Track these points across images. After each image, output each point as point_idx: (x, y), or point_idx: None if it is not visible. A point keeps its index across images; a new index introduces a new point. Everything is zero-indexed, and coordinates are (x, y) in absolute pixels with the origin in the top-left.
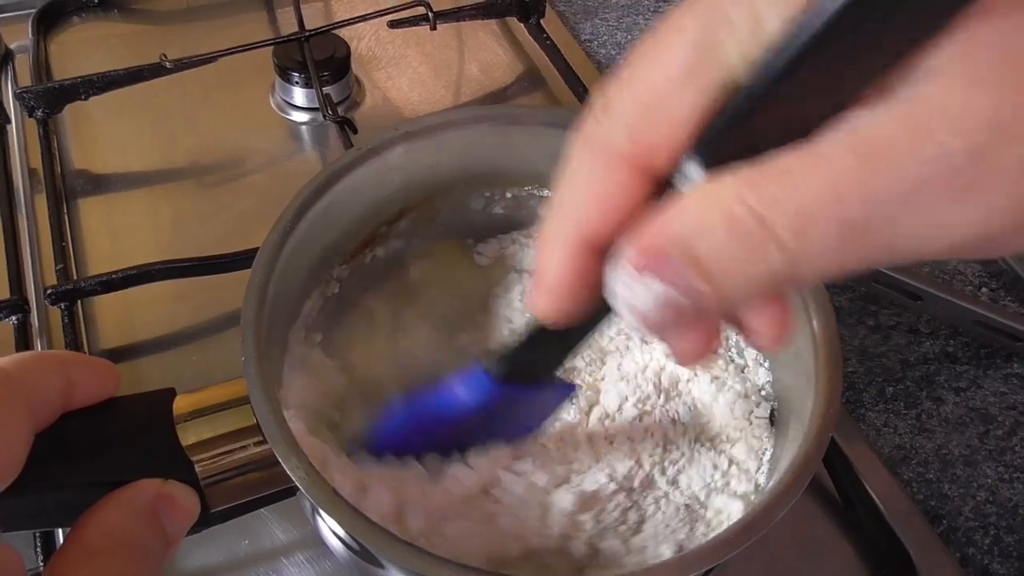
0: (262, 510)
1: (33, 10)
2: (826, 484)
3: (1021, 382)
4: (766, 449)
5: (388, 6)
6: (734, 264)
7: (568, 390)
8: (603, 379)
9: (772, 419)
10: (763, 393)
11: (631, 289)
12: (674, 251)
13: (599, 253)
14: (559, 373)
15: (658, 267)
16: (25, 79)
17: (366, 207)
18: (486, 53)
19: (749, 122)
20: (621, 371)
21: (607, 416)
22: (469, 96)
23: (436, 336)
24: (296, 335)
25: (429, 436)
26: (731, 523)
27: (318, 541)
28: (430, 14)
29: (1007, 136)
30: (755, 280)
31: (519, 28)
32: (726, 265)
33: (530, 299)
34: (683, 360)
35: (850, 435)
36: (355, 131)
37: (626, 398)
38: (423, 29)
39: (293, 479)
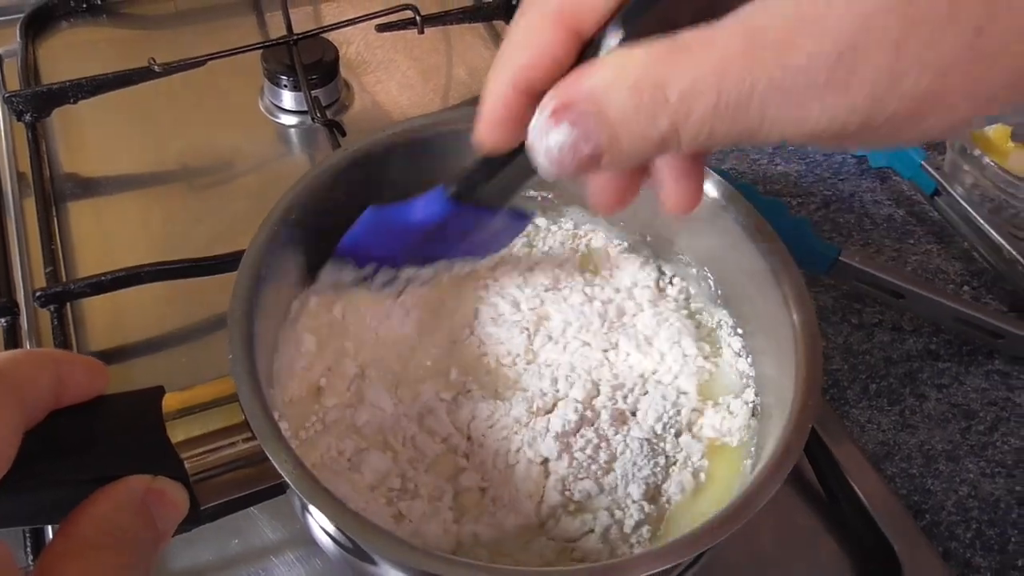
0: (252, 509)
1: (21, 15)
2: (811, 480)
3: (1002, 378)
4: (731, 396)
5: (376, 10)
6: (631, 123)
7: (523, 218)
8: (546, 306)
9: (755, 412)
10: (744, 381)
11: (544, 132)
12: (584, 104)
13: (532, 96)
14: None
15: (569, 115)
16: (14, 83)
17: (353, 209)
18: (474, 56)
19: (663, 1)
20: (568, 302)
21: (552, 340)
22: (458, 99)
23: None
24: (285, 334)
25: (397, 246)
26: (693, 461)
27: (308, 539)
28: (417, 18)
29: (871, 45)
30: (647, 139)
31: (506, 31)
32: (626, 122)
33: (477, 131)
34: (596, 206)
35: (834, 431)
36: (343, 133)
37: (570, 323)
38: (411, 33)
39: (281, 473)
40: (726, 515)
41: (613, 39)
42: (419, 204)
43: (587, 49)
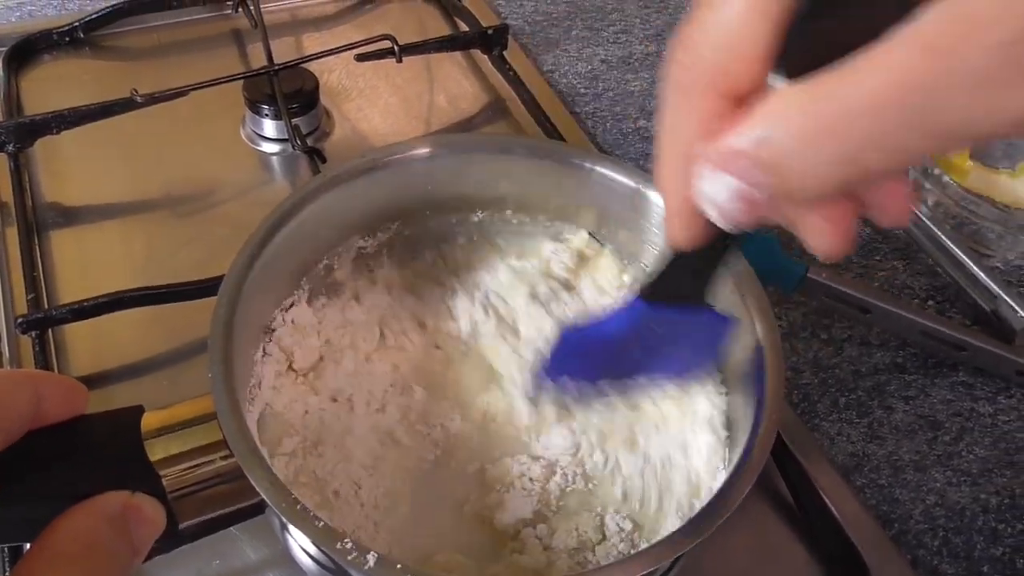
0: (232, 529)
1: (4, 48)
2: (782, 491)
3: (967, 389)
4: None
5: (356, 40)
6: (798, 159)
7: (725, 322)
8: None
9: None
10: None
11: (709, 184)
12: (746, 151)
13: None
14: (711, 304)
15: (730, 164)
16: None
17: (332, 232)
18: (453, 85)
19: (818, 32)
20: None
21: None
22: (438, 126)
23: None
24: (262, 356)
25: (598, 363)
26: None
27: (289, 560)
28: (396, 47)
29: None
30: (818, 176)
31: (483, 60)
32: (791, 160)
33: (665, 229)
34: (819, 250)
35: (804, 444)
36: (324, 160)
37: None
38: (391, 62)
39: (258, 490)
40: (690, 527)
41: (777, 84)
42: (614, 314)
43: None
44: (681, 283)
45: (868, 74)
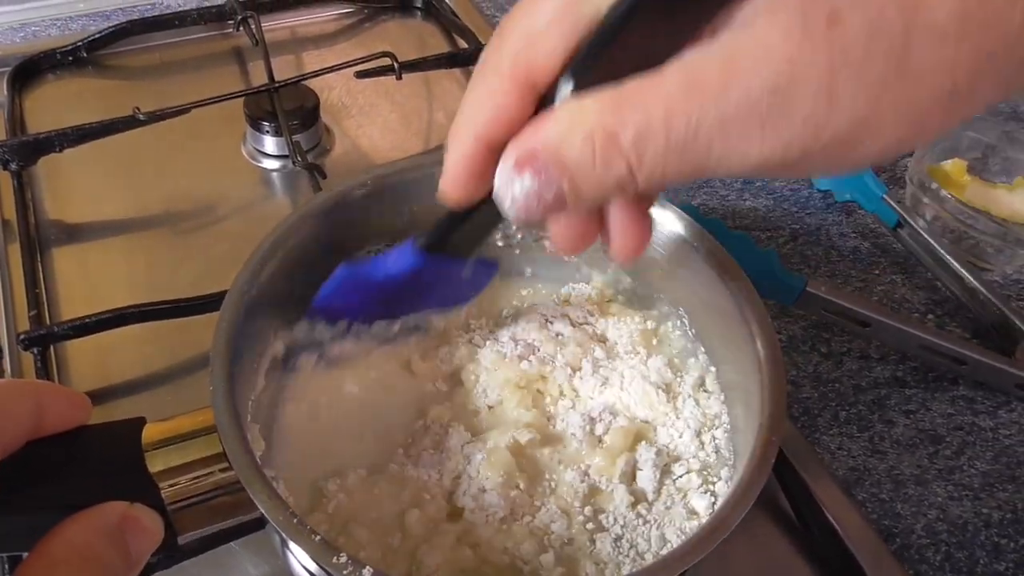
0: (233, 544)
1: (8, 68)
2: (783, 506)
3: (967, 403)
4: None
5: (356, 57)
6: (588, 169)
7: (490, 267)
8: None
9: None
10: (717, 421)
11: (510, 182)
12: (544, 154)
13: (493, 151)
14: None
15: (531, 166)
16: (0, 134)
17: (336, 248)
18: (453, 101)
19: (610, 51)
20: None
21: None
22: (437, 142)
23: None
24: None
25: (369, 302)
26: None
27: None
28: (395, 65)
29: (800, 77)
30: (604, 183)
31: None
32: (584, 169)
33: (441, 187)
34: (559, 246)
35: (805, 458)
36: (324, 176)
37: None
38: (391, 79)
39: (256, 503)
40: (691, 544)
41: (567, 90)
42: (390, 258)
43: (543, 101)
44: (458, 239)
45: (643, 100)
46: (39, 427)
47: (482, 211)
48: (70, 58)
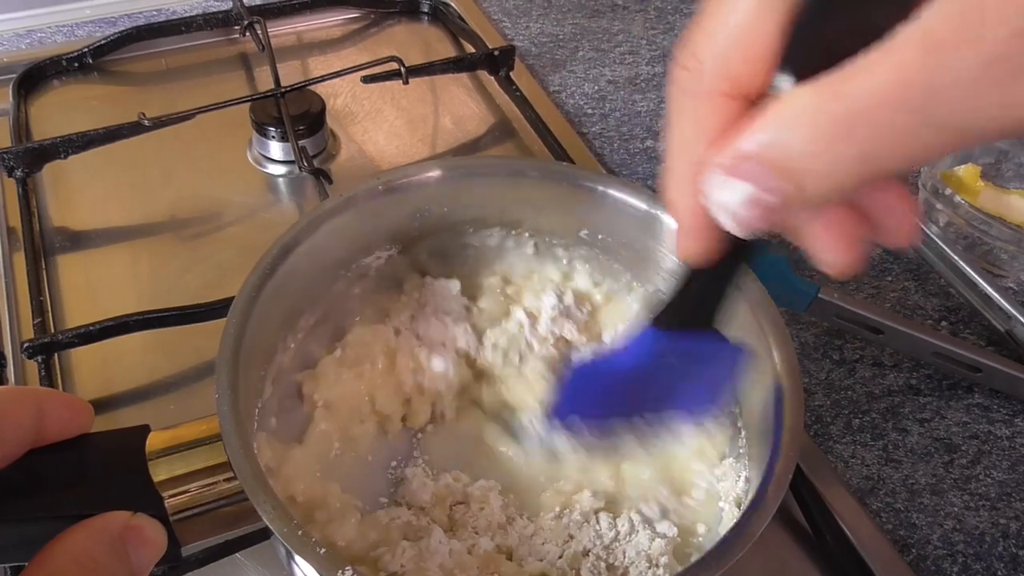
0: (238, 555)
1: (14, 75)
2: (797, 516)
3: (982, 412)
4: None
5: (362, 62)
6: (811, 160)
7: (739, 352)
8: None
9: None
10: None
11: (722, 191)
12: (756, 154)
13: None
14: (724, 335)
15: (743, 169)
16: (5, 140)
17: (343, 254)
18: (459, 106)
19: (825, 30)
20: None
21: None
22: (444, 147)
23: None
24: (269, 383)
25: (611, 398)
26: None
27: None
28: (402, 69)
29: None
30: (832, 177)
31: (490, 81)
32: (805, 161)
33: (676, 245)
34: (832, 263)
35: (819, 467)
36: (330, 181)
37: None
38: (397, 84)
39: (260, 513)
40: (705, 564)
41: (785, 84)
42: (626, 346)
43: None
44: (694, 307)
45: (871, 73)
46: (40, 435)
47: (717, 270)
48: (76, 64)
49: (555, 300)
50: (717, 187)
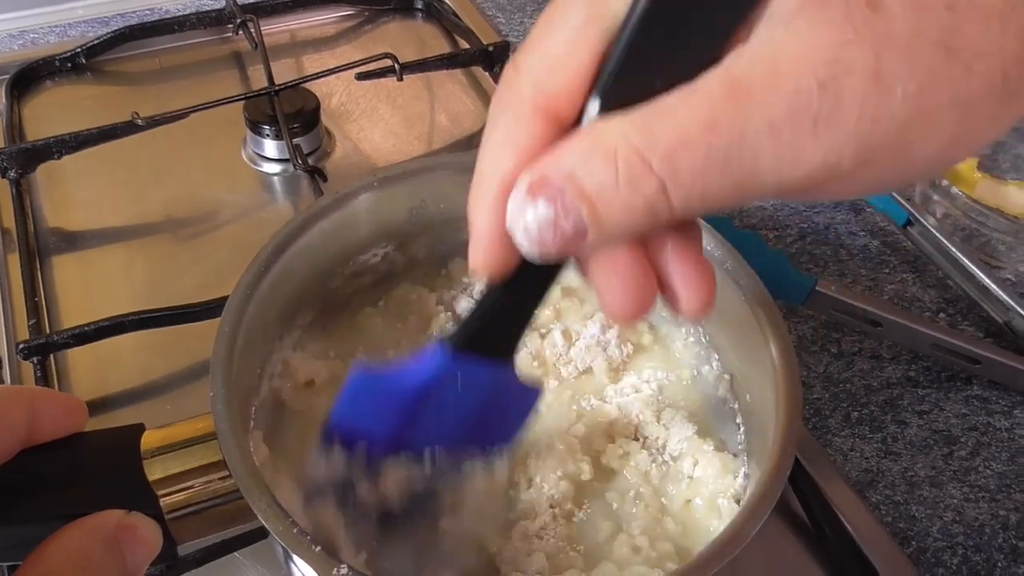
0: (236, 554)
1: (7, 76)
2: (796, 509)
3: (981, 403)
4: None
5: (356, 59)
6: (611, 193)
7: (533, 393)
8: None
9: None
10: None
11: (522, 211)
12: (559, 179)
13: None
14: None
15: (545, 191)
16: None
17: (339, 252)
18: (454, 102)
19: (636, 65)
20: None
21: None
22: (440, 145)
23: None
24: (264, 382)
25: (393, 425)
26: None
27: None
28: (396, 66)
29: (848, 65)
30: (632, 206)
31: (485, 77)
32: (605, 193)
33: (469, 254)
34: (612, 310)
35: (817, 460)
36: (325, 179)
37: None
38: (392, 82)
39: (255, 512)
40: (707, 554)
41: (592, 114)
42: (416, 361)
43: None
44: (491, 334)
45: (677, 113)
46: (33, 434)
47: (518, 289)
48: (69, 64)
49: (597, 330)
50: (518, 205)
